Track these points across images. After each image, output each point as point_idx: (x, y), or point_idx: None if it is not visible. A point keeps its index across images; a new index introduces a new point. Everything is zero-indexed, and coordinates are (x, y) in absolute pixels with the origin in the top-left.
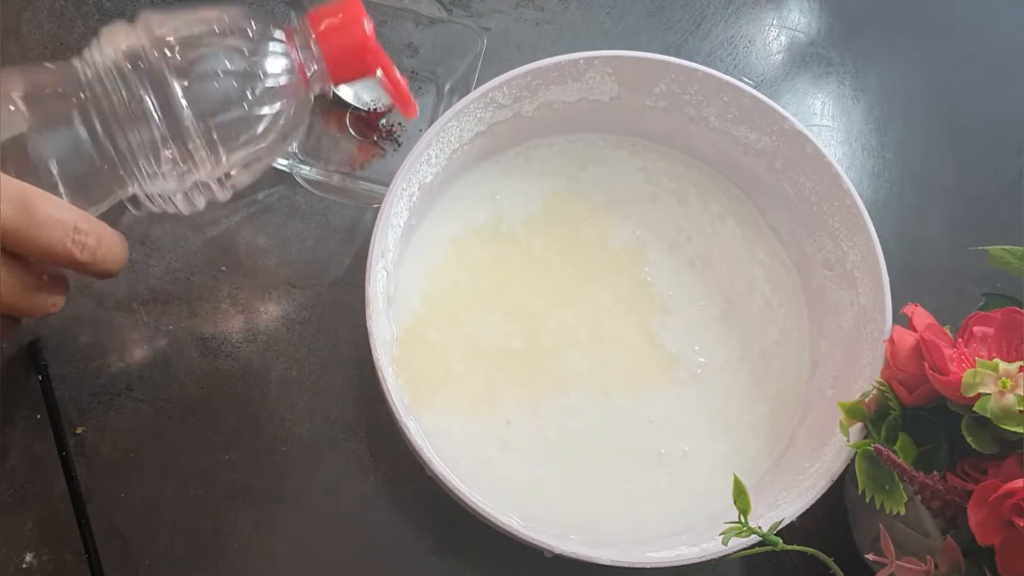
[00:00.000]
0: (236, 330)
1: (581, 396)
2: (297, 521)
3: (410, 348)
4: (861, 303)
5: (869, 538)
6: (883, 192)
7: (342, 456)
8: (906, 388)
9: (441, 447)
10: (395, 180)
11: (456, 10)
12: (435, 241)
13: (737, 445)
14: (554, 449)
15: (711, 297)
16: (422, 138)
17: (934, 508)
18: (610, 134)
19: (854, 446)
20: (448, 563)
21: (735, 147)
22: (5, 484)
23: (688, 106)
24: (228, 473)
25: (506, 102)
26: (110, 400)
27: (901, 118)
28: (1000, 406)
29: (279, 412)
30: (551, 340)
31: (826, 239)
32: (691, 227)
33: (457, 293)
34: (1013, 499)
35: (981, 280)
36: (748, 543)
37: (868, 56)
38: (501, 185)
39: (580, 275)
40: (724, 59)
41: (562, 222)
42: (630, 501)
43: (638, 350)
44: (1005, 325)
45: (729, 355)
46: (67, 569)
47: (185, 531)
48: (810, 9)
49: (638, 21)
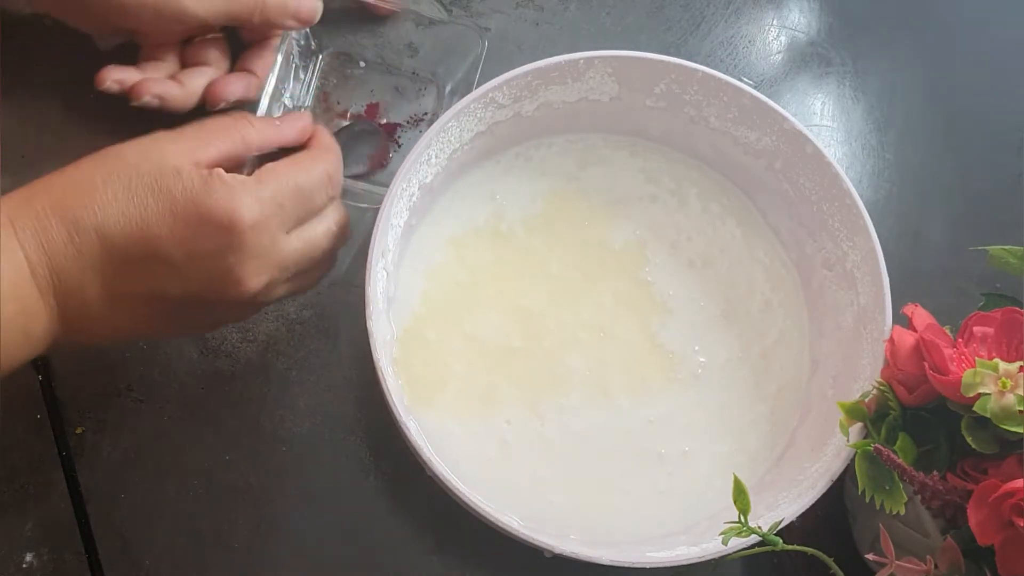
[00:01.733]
0: (236, 330)
1: (581, 396)
2: (297, 521)
3: (410, 348)
4: (861, 303)
5: (869, 538)
6: (883, 192)
7: (342, 456)
8: (906, 388)
9: (441, 447)
10: (395, 180)
11: (456, 10)
12: (435, 241)
13: (737, 445)
14: (554, 449)
15: (711, 297)
16: (422, 138)
17: (934, 508)
18: (610, 134)
19: (854, 446)
20: (448, 563)
21: (735, 147)
22: (5, 484)
23: (688, 106)
24: (228, 473)
25: (506, 102)
26: (110, 400)
27: (901, 118)
28: (1000, 406)
29: (279, 412)
30: (551, 340)
31: (826, 239)
32: (691, 227)
33: (457, 293)
34: (1013, 499)
35: (981, 280)
36: (748, 543)
37: (868, 56)
38: (501, 185)
39: (580, 275)
40: (724, 59)
41: (562, 222)
42: (630, 501)
43: (638, 350)
44: (1005, 325)
45: (729, 355)
46: (67, 569)
47: (185, 531)
48: (810, 9)
49: (638, 21)
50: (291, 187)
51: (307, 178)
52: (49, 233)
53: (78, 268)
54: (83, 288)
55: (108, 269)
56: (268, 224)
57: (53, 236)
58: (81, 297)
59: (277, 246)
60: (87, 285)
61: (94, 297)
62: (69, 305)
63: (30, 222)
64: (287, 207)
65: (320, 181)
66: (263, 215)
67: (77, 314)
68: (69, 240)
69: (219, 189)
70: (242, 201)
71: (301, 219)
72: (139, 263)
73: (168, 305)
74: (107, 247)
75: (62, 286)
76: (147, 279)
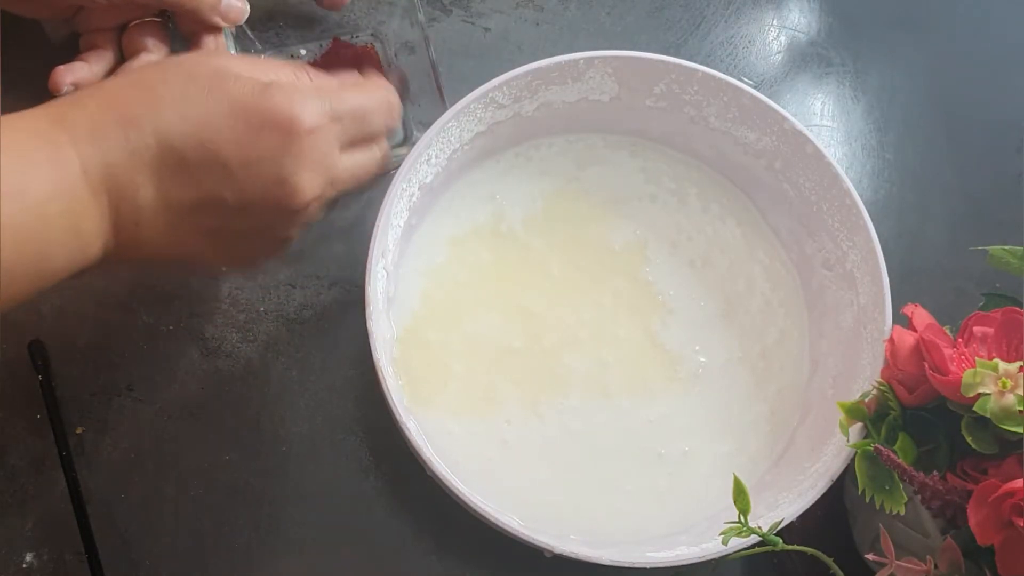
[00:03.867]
0: (236, 330)
1: (581, 396)
2: (297, 521)
3: (410, 348)
4: (861, 303)
5: (869, 538)
6: (883, 192)
7: (342, 456)
8: (906, 388)
9: (441, 447)
10: (395, 180)
11: (456, 10)
12: (435, 241)
13: (737, 445)
14: (554, 449)
15: (711, 297)
16: (422, 138)
17: (934, 508)
18: (610, 134)
19: (854, 446)
20: (448, 563)
21: (735, 147)
22: (5, 484)
23: (688, 106)
24: (228, 473)
25: (506, 102)
26: (110, 400)
27: (901, 118)
28: (1000, 406)
29: (279, 412)
30: (551, 340)
31: (826, 239)
32: (691, 227)
33: (457, 293)
34: (1013, 499)
35: (981, 280)
36: (748, 543)
37: (868, 56)
38: (501, 185)
39: (580, 275)
40: (724, 59)
41: (562, 222)
42: (630, 501)
43: (639, 350)
44: (1005, 325)
45: (729, 355)
46: (67, 569)
47: (185, 531)
48: (810, 9)
49: (638, 21)
50: (352, 106)
51: (368, 101)
52: (104, 131)
53: (132, 168)
54: (137, 190)
55: (164, 171)
56: (326, 134)
57: (108, 134)
58: (135, 200)
59: (331, 159)
60: (141, 186)
61: (148, 200)
62: (122, 208)
63: (84, 120)
64: (346, 123)
65: (380, 107)
66: (321, 123)
67: (130, 220)
68: (124, 139)
69: (279, 92)
70: (304, 105)
71: (355, 140)
72: (195, 166)
73: (222, 217)
74: (163, 148)
75: (116, 186)
76: (202, 183)
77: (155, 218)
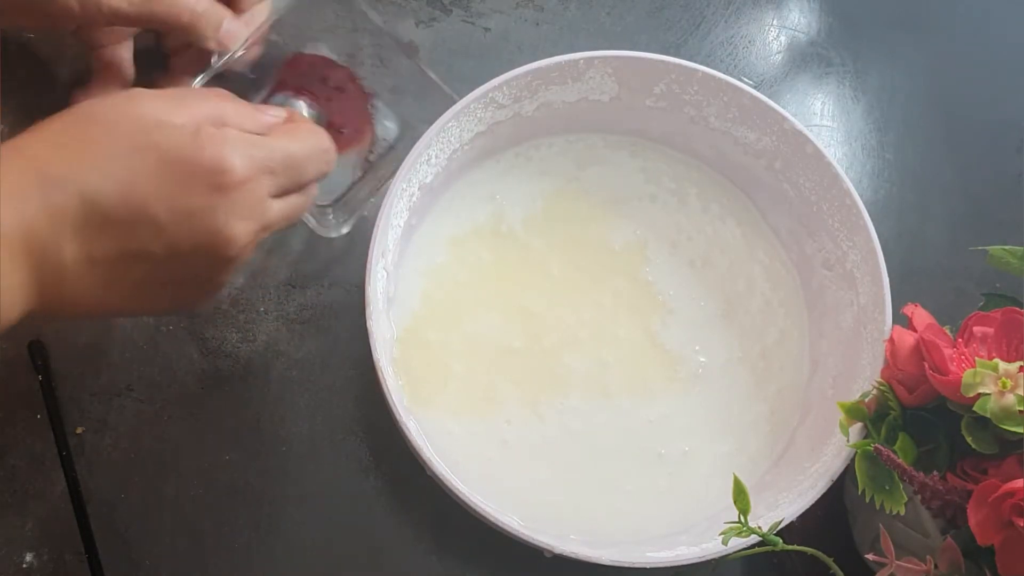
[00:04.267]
0: (236, 330)
1: (581, 396)
2: (297, 521)
3: (410, 348)
4: (861, 303)
5: (869, 538)
6: (883, 192)
7: (342, 456)
8: (906, 388)
9: (441, 447)
10: (395, 180)
11: (456, 10)
12: (435, 241)
13: (737, 445)
14: (554, 449)
15: (712, 297)
16: (422, 138)
17: (934, 508)
18: (610, 134)
19: (854, 446)
20: (448, 563)
21: (735, 147)
22: (5, 484)
23: (688, 106)
24: (228, 473)
25: (506, 102)
26: (110, 400)
27: (901, 118)
28: (1000, 406)
29: (279, 412)
30: (551, 340)
31: (826, 239)
32: (691, 227)
33: (457, 293)
34: (1013, 499)
35: (981, 280)
36: (748, 543)
37: (868, 56)
38: (501, 185)
39: (580, 275)
40: (724, 59)
41: (562, 222)
42: (630, 501)
43: (639, 350)
44: (1005, 325)
45: (729, 355)
46: (67, 569)
47: (185, 531)
48: (810, 9)
49: (638, 21)
50: (284, 155)
51: (301, 149)
52: (23, 192)
53: (53, 228)
54: (60, 250)
55: (88, 230)
56: (258, 184)
57: (27, 195)
58: (58, 260)
59: (263, 206)
60: (65, 246)
61: (71, 259)
62: (45, 268)
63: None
64: (278, 174)
65: (313, 154)
66: (253, 174)
67: (54, 279)
68: (45, 200)
69: (209, 142)
70: (234, 155)
71: (287, 188)
72: (121, 223)
73: (150, 269)
74: (87, 207)
75: (37, 247)
76: (130, 239)
77: (80, 276)
